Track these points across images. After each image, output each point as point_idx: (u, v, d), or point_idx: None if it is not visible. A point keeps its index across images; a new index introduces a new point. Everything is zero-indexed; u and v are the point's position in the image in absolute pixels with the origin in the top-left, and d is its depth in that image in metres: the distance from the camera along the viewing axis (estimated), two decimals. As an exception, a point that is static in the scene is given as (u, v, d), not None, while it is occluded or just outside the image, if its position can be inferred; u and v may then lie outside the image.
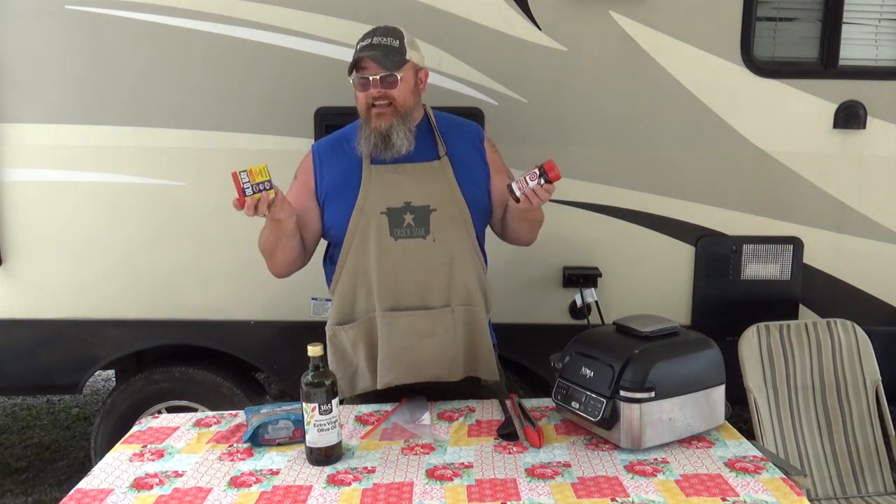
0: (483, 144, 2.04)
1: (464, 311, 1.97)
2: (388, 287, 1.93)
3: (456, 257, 1.95)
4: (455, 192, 1.94)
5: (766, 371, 2.47)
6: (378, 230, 1.92)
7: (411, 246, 1.92)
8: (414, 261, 1.92)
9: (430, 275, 1.94)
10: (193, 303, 2.77)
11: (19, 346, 2.82)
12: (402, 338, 1.94)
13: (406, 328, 1.94)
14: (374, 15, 2.53)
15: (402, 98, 1.88)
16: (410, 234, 1.92)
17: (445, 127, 2.01)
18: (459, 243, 1.96)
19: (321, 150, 2.03)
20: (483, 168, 2.01)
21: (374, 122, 1.88)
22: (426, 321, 1.94)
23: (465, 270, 1.97)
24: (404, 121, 1.89)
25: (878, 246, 2.71)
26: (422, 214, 1.92)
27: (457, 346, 1.97)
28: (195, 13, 2.59)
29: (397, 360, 1.94)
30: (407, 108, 1.90)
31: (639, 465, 1.61)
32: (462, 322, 1.97)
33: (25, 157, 2.68)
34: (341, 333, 2.00)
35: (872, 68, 2.68)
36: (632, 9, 2.57)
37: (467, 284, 1.98)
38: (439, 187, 1.94)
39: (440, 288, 1.95)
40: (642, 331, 1.76)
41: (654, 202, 2.70)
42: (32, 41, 2.62)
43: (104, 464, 1.69)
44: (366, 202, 1.92)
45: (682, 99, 2.62)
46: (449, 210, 1.93)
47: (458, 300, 1.97)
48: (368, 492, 1.52)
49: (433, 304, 1.95)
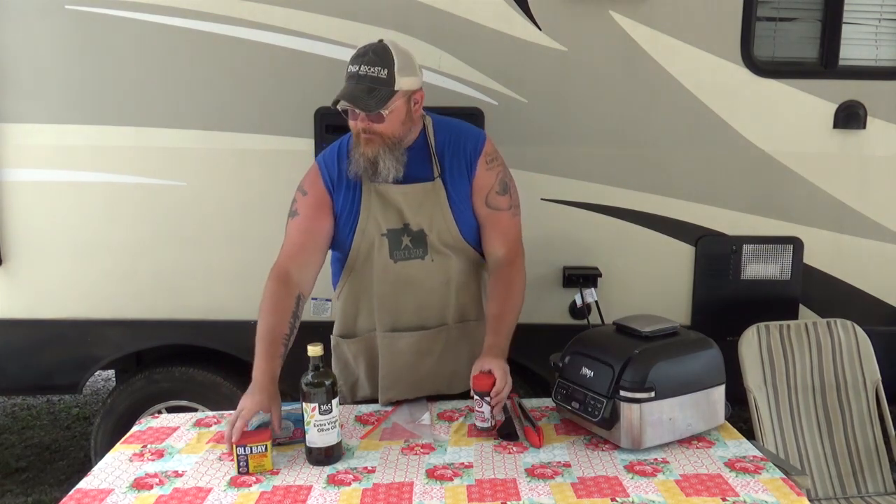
0: (477, 161, 1.91)
1: (461, 328, 1.98)
2: (388, 308, 1.94)
3: (453, 276, 1.94)
4: (447, 215, 1.89)
5: (766, 371, 2.47)
6: (379, 252, 1.90)
7: (410, 267, 1.91)
8: (413, 282, 1.92)
9: (428, 295, 1.94)
10: (193, 303, 2.77)
11: (19, 346, 2.82)
12: (401, 357, 1.95)
13: (406, 348, 1.95)
14: (374, 15, 2.54)
15: (389, 131, 1.80)
16: (409, 256, 1.91)
17: (444, 142, 1.91)
18: (457, 263, 1.95)
19: (329, 167, 1.93)
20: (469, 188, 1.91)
21: (363, 148, 1.81)
22: (424, 341, 1.95)
23: (464, 288, 1.97)
24: (392, 150, 1.81)
25: (878, 246, 2.71)
26: (418, 236, 1.90)
27: (457, 361, 1.97)
28: (195, 13, 2.59)
29: (398, 379, 1.96)
30: (395, 138, 1.82)
31: (639, 465, 1.61)
32: (461, 338, 1.98)
33: (25, 157, 2.68)
34: (343, 346, 2.03)
35: (872, 68, 2.68)
36: (632, 9, 2.57)
37: (465, 302, 1.98)
38: (432, 211, 1.89)
39: (438, 307, 1.95)
40: (642, 331, 1.76)
41: (654, 202, 2.69)
42: (32, 41, 2.62)
43: (104, 464, 1.69)
44: (367, 224, 1.90)
45: (682, 99, 2.62)
46: (441, 235, 1.91)
47: (455, 318, 1.97)
48: (368, 492, 1.52)
49: (430, 323, 1.96)
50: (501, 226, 1.95)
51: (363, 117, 1.78)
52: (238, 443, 1.61)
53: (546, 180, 2.66)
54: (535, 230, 2.27)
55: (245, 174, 2.67)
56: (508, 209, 1.95)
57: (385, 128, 1.79)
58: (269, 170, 2.64)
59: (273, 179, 2.60)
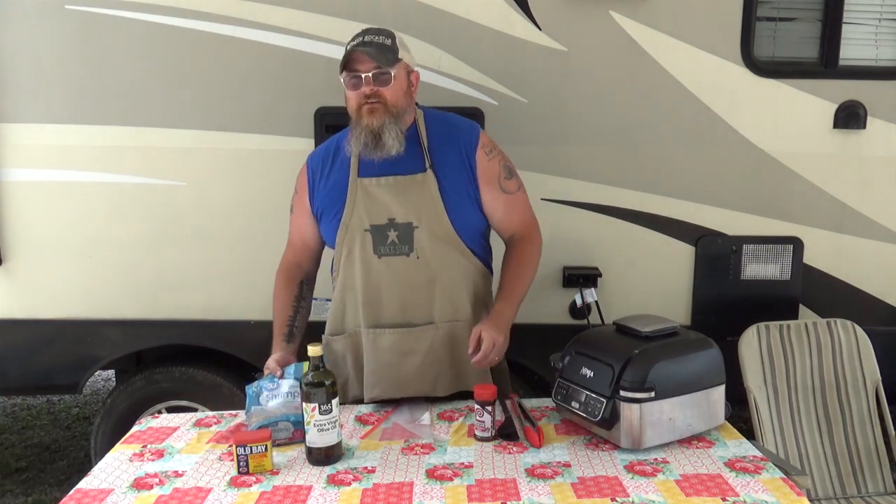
0: (475, 152, 1.93)
1: (448, 327, 1.95)
2: (372, 304, 1.93)
3: (441, 274, 1.92)
4: (438, 207, 1.89)
5: (766, 371, 2.47)
6: (362, 247, 1.91)
7: (395, 263, 1.90)
8: (397, 278, 1.91)
9: (413, 292, 1.92)
10: (193, 303, 2.77)
11: (19, 346, 2.81)
12: (385, 355, 1.94)
13: (389, 346, 1.94)
14: (374, 15, 2.53)
15: (393, 98, 1.83)
16: (394, 252, 1.90)
17: (436, 133, 1.93)
18: (445, 260, 1.92)
19: (314, 164, 2.00)
20: (470, 181, 1.93)
21: (366, 120, 1.81)
22: (408, 339, 1.94)
23: (452, 286, 1.94)
24: (396, 121, 1.83)
25: (878, 246, 2.71)
26: (405, 231, 1.89)
27: (441, 363, 1.95)
28: (195, 13, 2.59)
29: (382, 376, 1.95)
30: (399, 108, 1.84)
31: (639, 465, 1.61)
32: (447, 339, 1.95)
33: (25, 157, 2.68)
34: (332, 343, 2.03)
35: (872, 68, 2.68)
36: (632, 9, 2.57)
37: (454, 300, 1.95)
38: (422, 203, 1.89)
39: (424, 305, 1.94)
40: (642, 331, 1.76)
41: (654, 202, 2.69)
42: (32, 41, 2.62)
43: (104, 464, 1.69)
44: (351, 219, 1.91)
45: (683, 99, 2.62)
46: (432, 227, 1.89)
47: (442, 317, 1.94)
48: (368, 492, 1.52)
49: (416, 321, 1.94)
50: (519, 206, 2.02)
51: (369, 80, 1.81)
52: (238, 443, 1.61)
53: (546, 180, 2.66)
54: (535, 230, 2.28)
55: (245, 174, 2.67)
56: (518, 190, 2.02)
57: (390, 93, 1.82)
58: (269, 170, 2.64)
59: (273, 179, 2.60)
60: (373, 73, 1.81)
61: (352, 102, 1.86)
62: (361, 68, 1.81)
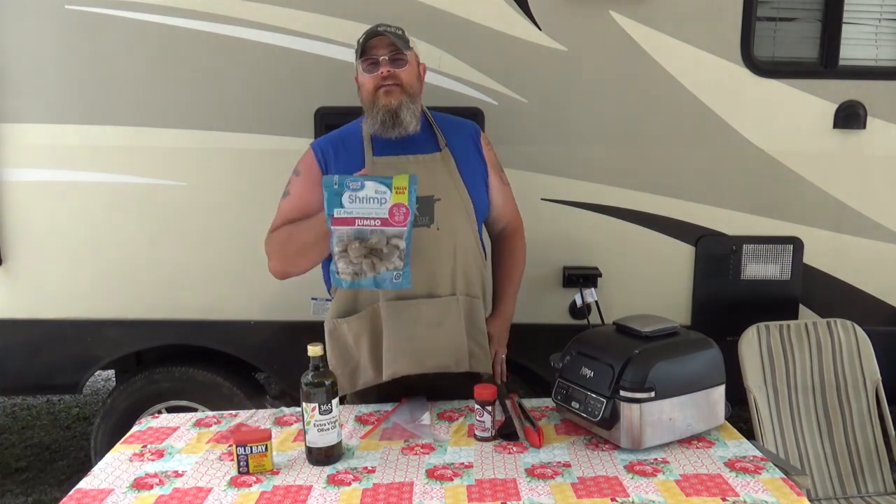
0: (480, 142, 2.05)
1: (466, 301, 1.97)
2: None
3: (459, 246, 1.95)
4: (458, 182, 1.95)
5: (766, 371, 2.47)
6: None
7: (416, 234, 1.88)
8: (419, 249, 1.89)
9: (435, 263, 1.93)
10: (193, 303, 2.77)
11: (19, 346, 2.81)
12: (407, 327, 1.92)
13: (411, 318, 1.92)
14: (374, 15, 2.52)
15: (409, 80, 1.90)
16: (415, 223, 1.88)
17: (442, 123, 2.03)
18: (463, 233, 1.96)
19: (323, 146, 2.01)
20: (481, 164, 2.03)
21: (384, 100, 1.87)
22: (433, 310, 1.93)
23: (468, 260, 1.97)
24: (412, 101, 1.90)
25: (878, 246, 2.71)
26: (426, 204, 1.90)
27: (462, 336, 1.96)
28: (195, 13, 2.59)
29: (402, 350, 1.92)
30: (414, 90, 1.92)
31: (639, 465, 1.61)
32: (467, 312, 1.97)
33: (25, 157, 2.67)
34: (343, 326, 1.99)
35: (872, 68, 2.68)
36: (632, 9, 2.57)
37: (469, 275, 1.98)
38: (443, 177, 1.94)
39: (446, 276, 1.94)
40: (642, 331, 1.76)
41: (654, 202, 2.69)
42: (32, 41, 2.62)
43: (104, 464, 1.69)
44: None
45: (683, 99, 2.62)
46: (453, 200, 1.94)
47: (462, 289, 1.96)
48: (368, 492, 1.52)
49: (440, 292, 1.94)
50: (511, 199, 2.13)
51: (386, 62, 1.88)
52: (238, 443, 1.61)
53: (546, 180, 2.66)
54: (535, 230, 2.28)
55: (245, 174, 2.67)
56: (508, 184, 2.13)
57: (406, 75, 1.90)
58: (269, 170, 2.64)
59: (273, 179, 2.59)
60: (389, 55, 1.88)
61: (368, 86, 1.91)
62: (378, 52, 1.89)
